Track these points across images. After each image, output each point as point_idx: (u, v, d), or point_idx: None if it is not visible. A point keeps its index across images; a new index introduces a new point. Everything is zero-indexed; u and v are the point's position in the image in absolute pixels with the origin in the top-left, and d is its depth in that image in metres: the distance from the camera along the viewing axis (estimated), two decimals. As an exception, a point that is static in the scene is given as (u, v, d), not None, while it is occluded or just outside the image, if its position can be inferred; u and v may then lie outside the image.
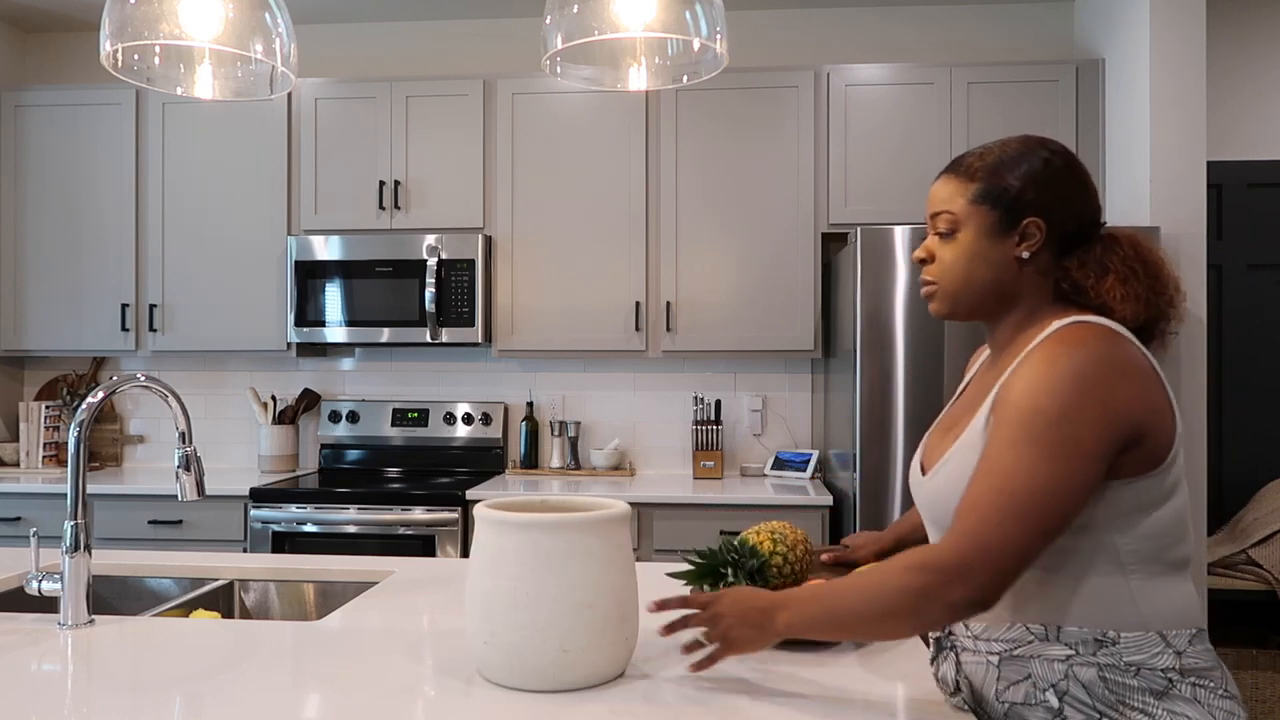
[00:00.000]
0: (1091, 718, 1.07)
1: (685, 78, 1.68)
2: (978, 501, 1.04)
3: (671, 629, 1.17)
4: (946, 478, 1.15)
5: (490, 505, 1.22)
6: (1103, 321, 1.11)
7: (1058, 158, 1.17)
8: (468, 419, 3.63)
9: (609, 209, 3.35)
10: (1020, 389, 1.07)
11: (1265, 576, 2.85)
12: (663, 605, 1.17)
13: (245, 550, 3.15)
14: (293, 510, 3.10)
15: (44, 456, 3.61)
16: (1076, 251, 1.17)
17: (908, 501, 2.80)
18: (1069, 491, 1.03)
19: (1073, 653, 1.08)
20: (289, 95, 3.47)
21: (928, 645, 1.29)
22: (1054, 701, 1.08)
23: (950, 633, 1.20)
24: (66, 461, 3.36)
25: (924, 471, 1.24)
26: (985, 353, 1.38)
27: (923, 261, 1.23)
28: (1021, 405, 1.05)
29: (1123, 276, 1.15)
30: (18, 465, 3.64)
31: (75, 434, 1.47)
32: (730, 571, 1.26)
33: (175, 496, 3.00)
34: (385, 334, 3.34)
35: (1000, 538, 1.02)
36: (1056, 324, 1.13)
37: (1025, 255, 1.16)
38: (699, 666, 1.16)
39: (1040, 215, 1.16)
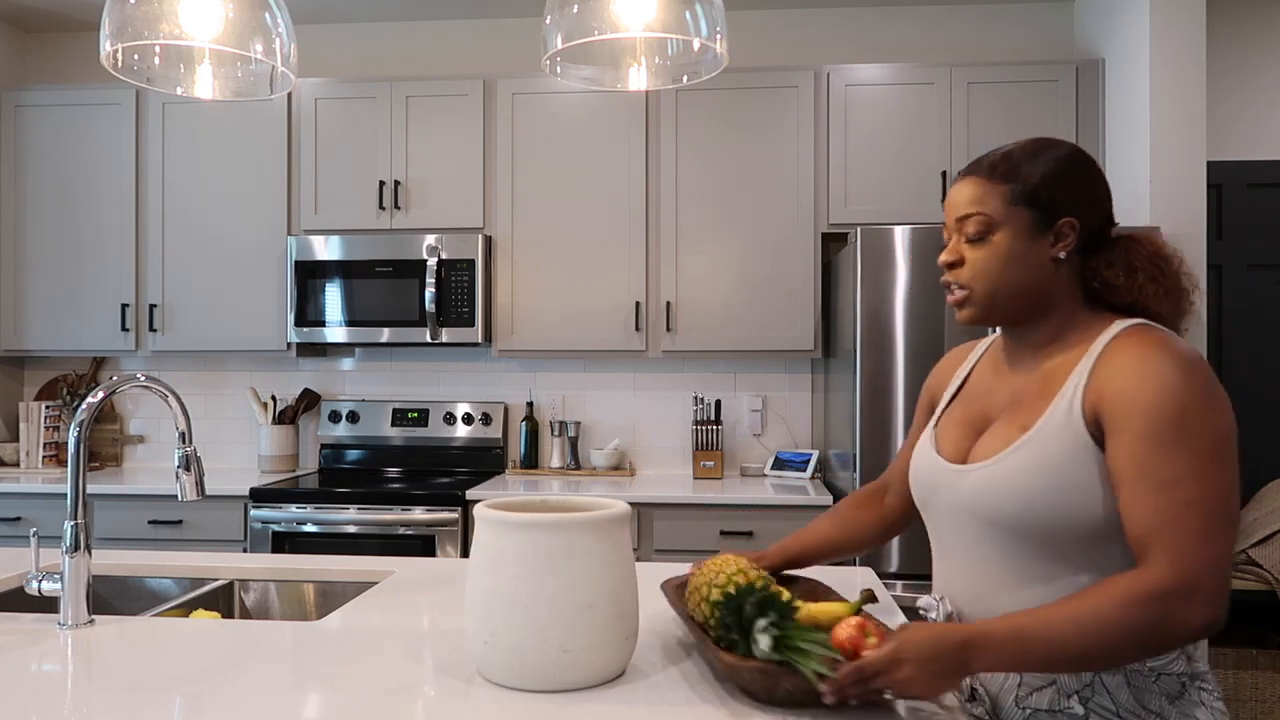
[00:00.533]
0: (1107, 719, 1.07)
1: (685, 78, 1.68)
2: (1173, 516, 1.00)
3: (844, 694, 1.02)
4: (1014, 468, 1.11)
5: (490, 505, 1.22)
6: (1157, 325, 1.13)
7: (1077, 156, 1.18)
8: (468, 419, 3.63)
9: (609, 209, 3.35)
10: (1146, 391, 1.04)
11: (1265, 576, 2.85)
12: (841, 692, 1.01)
13: (245, 550, 3.15)
14: (293, 510, 3.10)
15: (44, 456, 3.61)
16: (1101, 251, 1.18)
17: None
18: (1237, 487, 1.03)
19: None
20: (289, 95, 3.47)
21: None
22: (1079, 709, 1.08)
23: None
24: (66, 461, 3.36)
25: (957, 462, 1.22)
26: (978, 349, 1.36)
27: (950, 265, 1.20)
28: (1159, 408, 1.03)
29: (1151, 275, 1.16)
30: (18, 465, 3.64)
31: (75, 434, 1.47)
32: (764, 622, 1.10)
33: (175, 496, 2.99)
34: (385, 334, 3.34)
35: (1217, 550, 1.00)
36: (1119, 325, 1.13)
37: (1061, 255, 1.16)
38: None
39: (1073, 215, 1.15)
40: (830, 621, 1.14)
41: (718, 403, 3.50)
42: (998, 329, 1.28)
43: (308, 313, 3.37)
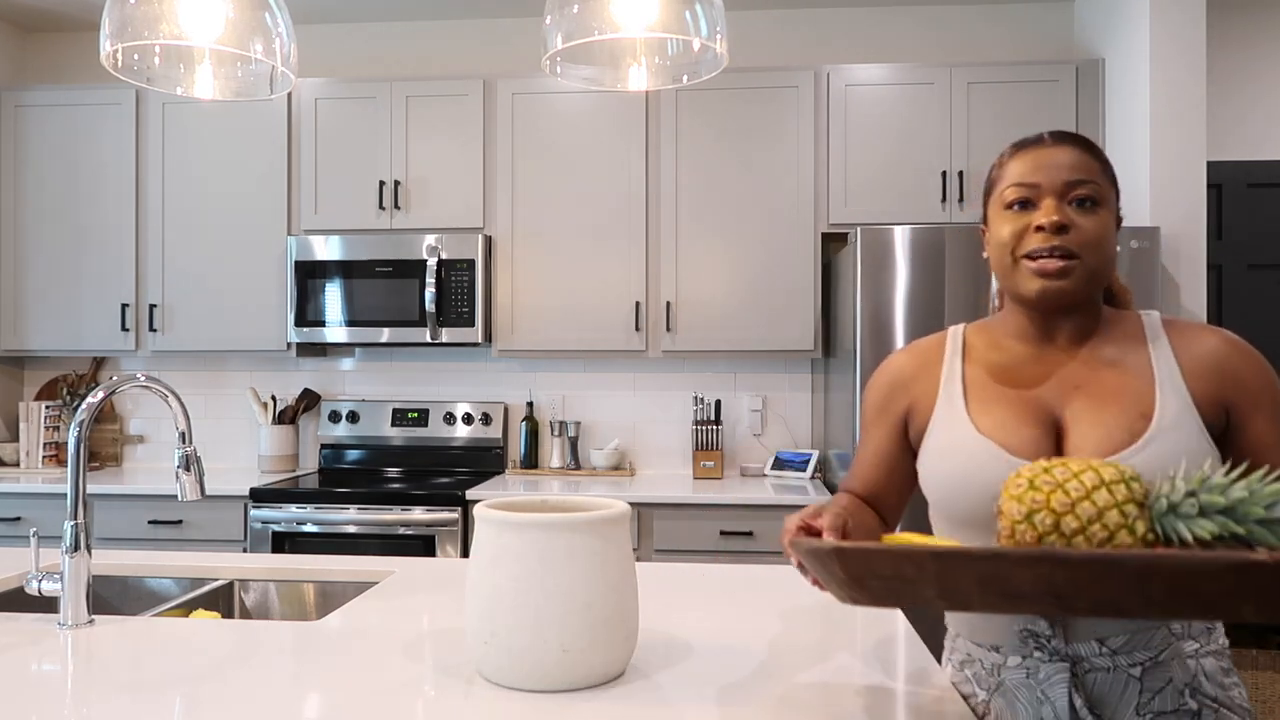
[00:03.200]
0: (1212, 709, 1.08)
1: (685, 78, 1.68)
2: None
3: None
4: (1154, 459, 1.06)
5: (490, 505, 1.22)
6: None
7: None
8: (468, 419, 3.63)
9: (609, 209, 3.35)
10: (1263, 370, 1.11)
11: (1265, 576, 2.85)
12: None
13: (245, 550, 3.15)
14: (293, 510, 3.10)
15: (44, 456, 3.61)
16: None
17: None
18: None
19: (1198, 645, 1.10)
20: (289, 95, 3.47)
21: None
22: (1192, 704, 1.08)
23: (1072, 658, 1.11)
24: (66, 461, 3.36)
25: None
26: (947, 345, 1.27)
27: (1059, 229, 1.11)
28: (1275, 384, 1.11)
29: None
30: (18, 465, 3.64)
31: (75, 434, 1.47)
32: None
33: (175, 496, 3.00)
34: (385, 334, 3.34)
35: None
36: (1151, 313, 1.20)
37: (1118, 249, 1.22)
38: None
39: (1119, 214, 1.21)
40: None
41: (718, 403, 3.50)
42: (989, 311, 1.30)
43: (308, 313, 3.37)
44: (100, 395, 1.49)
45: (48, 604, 1.75)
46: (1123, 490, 0.87)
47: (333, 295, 3.35)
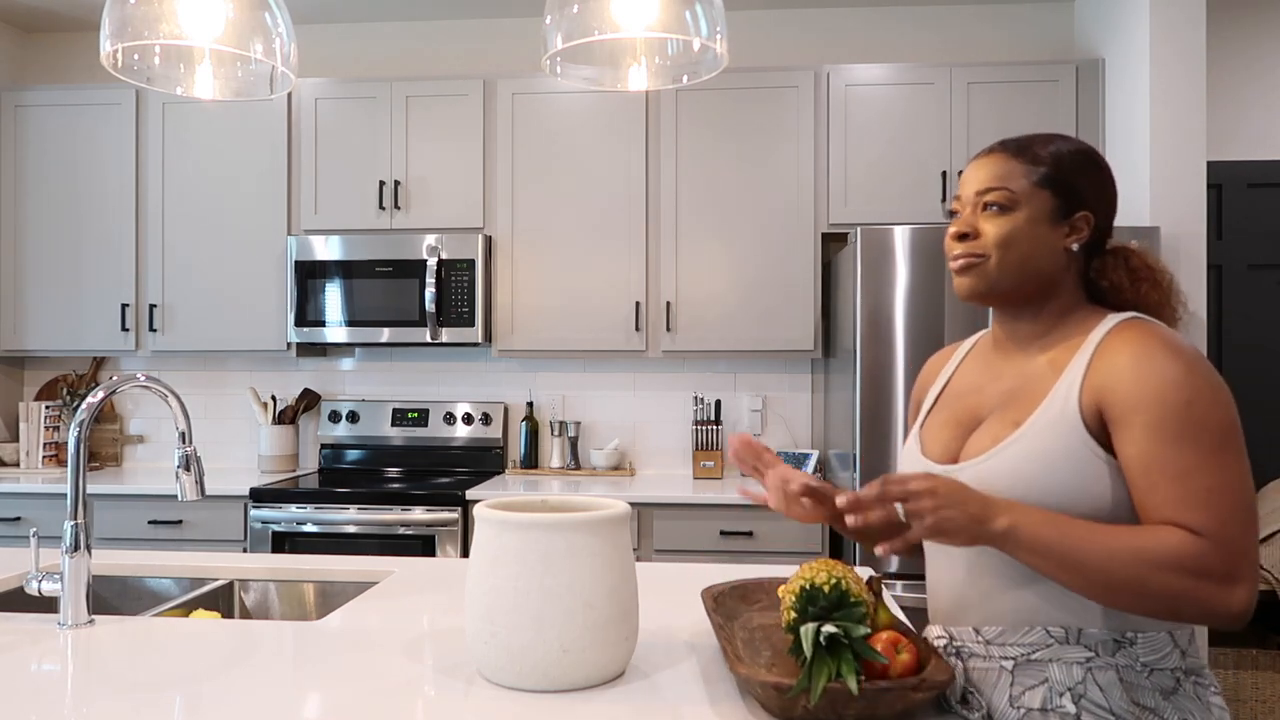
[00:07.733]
0: (1099, 718, 1.07)
1: (685, 78, 1.68)
2: (1201, 503, 1.00)
3: (861, 506, 1.03)
4: (1004, 465, 1.11)
5: (490, 505, 1.22)
6: (1150, 319, 1.14)
7: (1098, 155, 1.20)
8: (468, 419, 3.63)
9: (609, 209, 3.35)
10: (1150, 384, 1.04)
11: (1265, 577, 2.85)
12: (856, 504, 1.02)
13: (245, 550, 3.15)
14: (293, 510, 3.10)
15: (44, 456, 3.61)
16: (1102, 255, 1.20)
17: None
18: (1250, 479, 1.03)
19: (1092, 655, 1.08)
20: (289, 95, 3.47)
21: None
22: (1070, 707, 1.08)
23: (954, 640, 1.19)
24: (66, 461, 3.36)
25: (946, 463, 1.21)
26: (962, 348, 1.36)
27: (963, 236, 1.18)
28: (1165, 401, 1.03)
29: (1153, 283, 1.19)
30: (18, 465, 3.64)
31: (75, 434, 1.47)
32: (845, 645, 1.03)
33: (175, 496, 3.00)
34: (385, 334, 3.34)
35: (1249, 539, 1.00)
36: (1113, 319, 1.14)
37: (1074, 248, 1.17)
38: (892, 548, 1.05)
39: (1092, 211, 1.17)
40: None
41: (718, 403, 3.50)
42: (989, 319, 1.28)
43: (308, 313, 3.37)
44: (100, 395, 1.49)
45: (48, 604, 1.75)
46: (793, 595, 1.14)
47: (333, 295, 3.36)
